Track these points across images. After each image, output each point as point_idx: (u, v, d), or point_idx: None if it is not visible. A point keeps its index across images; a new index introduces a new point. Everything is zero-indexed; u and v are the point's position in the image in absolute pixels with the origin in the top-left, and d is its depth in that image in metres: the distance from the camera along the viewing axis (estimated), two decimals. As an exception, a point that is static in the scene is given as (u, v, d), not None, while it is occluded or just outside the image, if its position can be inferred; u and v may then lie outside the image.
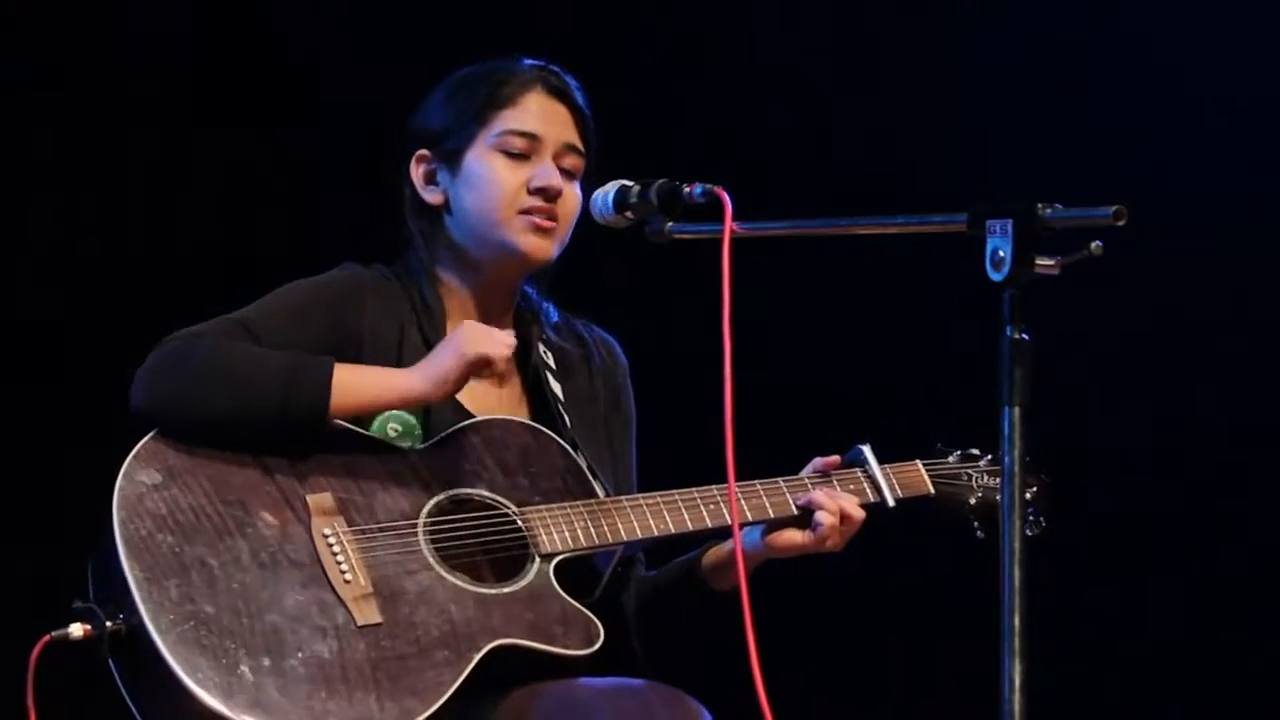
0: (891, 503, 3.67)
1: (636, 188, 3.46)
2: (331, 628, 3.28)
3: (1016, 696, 2.76)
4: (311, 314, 3.50)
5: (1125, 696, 5.32)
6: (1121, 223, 2.79)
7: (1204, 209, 5.14)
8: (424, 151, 3.64)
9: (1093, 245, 2.82)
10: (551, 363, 3.68)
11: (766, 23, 5.30)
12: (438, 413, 3.51)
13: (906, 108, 5.28)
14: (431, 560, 3.39)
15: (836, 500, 3.58)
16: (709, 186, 3.35)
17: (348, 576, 3.32)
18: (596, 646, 3.40)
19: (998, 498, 3.61)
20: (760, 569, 3.63)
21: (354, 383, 3.41)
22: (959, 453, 3.78)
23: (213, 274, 4.84)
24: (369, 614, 3.30)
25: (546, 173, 3.59)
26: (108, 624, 3.24)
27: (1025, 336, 2.82)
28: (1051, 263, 2.84)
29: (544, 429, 3.56)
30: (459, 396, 3.53)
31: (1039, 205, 2.84)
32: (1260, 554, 5.26)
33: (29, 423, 4.80)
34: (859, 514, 3.59)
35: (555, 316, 3.74)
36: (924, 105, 5.28)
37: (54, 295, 4.84)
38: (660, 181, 3.43)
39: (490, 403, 3.61)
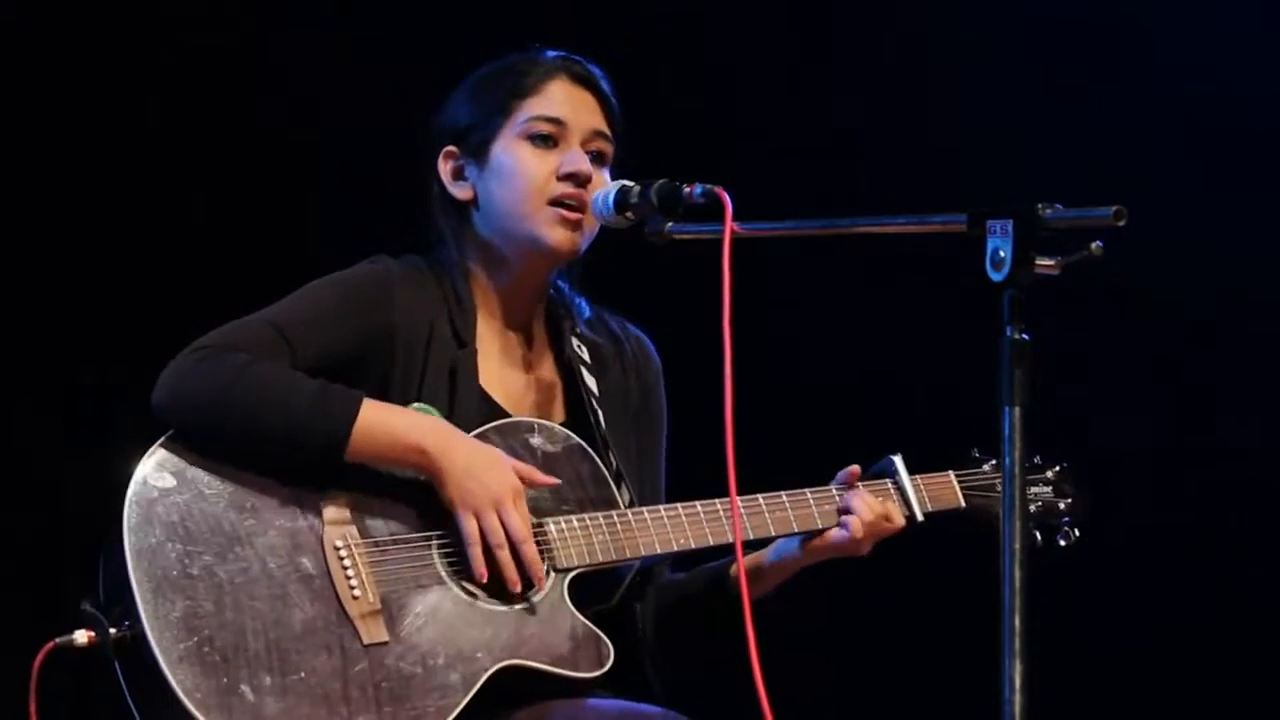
0: (920, 517, 3.63)
1: (636, 188, 3.46)
2: (336, 645, 3.25)
3: (1016, 696, 2.76)
4: (342, 319, 3.46)
5: (1125, 697, 5.33)
6: (1122, 223, 2.79)
7: (1204, 209, 5.15)
8: (451, 147, 3.62)
9: (1093, 245, 2.82)
10: (586, 356, 3.65)
11: (767, 23, 5.30)
12: (463, 405, 3.48)
13: (907, 108, 5.28)
14: (444, 574, 3.35)
15: (883, 504, 3.56)
16: (709, 187, 3.34)
17: (356, 592, 3.30)
18: (606, 668, 3.37)
19: (1032, 509, 3.59)
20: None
21: (378, 420, 3.35)
22: (994, 461, 3.69)
23: (215, 271, 4.84)
24: (375, 632, 3.28)
25: (575, 158, 3.56)
26: (112, 630, 3.23)
27: (1026, 336, 2.82)
28: (1051, 263, 2.84)
29: (570, 433, 3.53)
30: (487, 388, 3.52)
31: (1039, 205, 2.84)
32: (1262, 554, 5.27)
33: (31, 422, 4.80)
34: (899, 519, 3.56)
35: (588, 312, 3.70)
36: (925, 105, 5.28)
37: (59, 292, 4.83)
38: (660, 182, 3.43)
39: (520, 391, 3.60)
